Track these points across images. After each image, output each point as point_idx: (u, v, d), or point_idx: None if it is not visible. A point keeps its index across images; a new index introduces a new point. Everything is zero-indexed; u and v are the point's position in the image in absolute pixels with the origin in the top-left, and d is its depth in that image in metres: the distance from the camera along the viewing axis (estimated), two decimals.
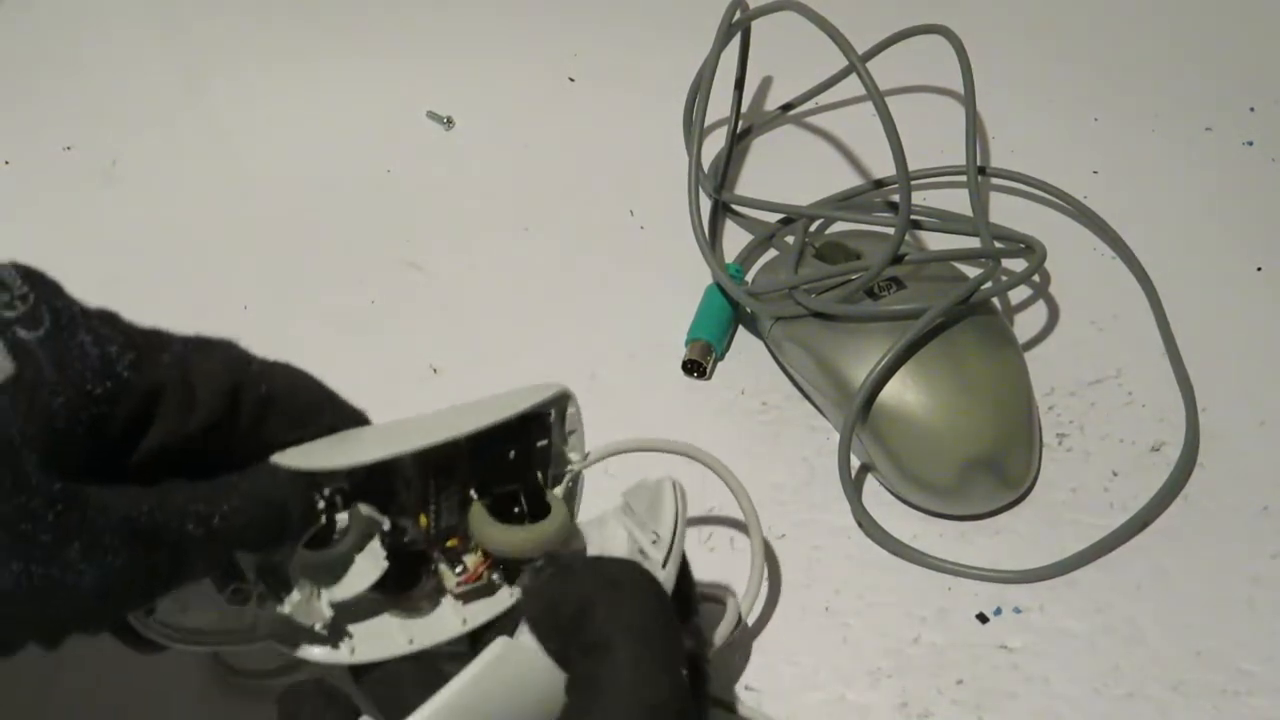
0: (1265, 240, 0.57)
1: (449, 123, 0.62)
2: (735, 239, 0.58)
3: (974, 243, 0.53)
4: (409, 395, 0.52)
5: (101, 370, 0.29)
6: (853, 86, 0.59)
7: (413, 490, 0.35)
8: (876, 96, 0.47)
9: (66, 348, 0.29)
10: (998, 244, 0.51)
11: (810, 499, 0.48)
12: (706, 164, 0.59)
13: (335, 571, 0.34)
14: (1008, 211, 0.58)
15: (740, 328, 0.54)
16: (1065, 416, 0.51)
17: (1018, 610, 0.45)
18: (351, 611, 0.34)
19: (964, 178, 0.55)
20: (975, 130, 0.55)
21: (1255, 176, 0.61)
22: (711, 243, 0.56)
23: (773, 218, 0.58)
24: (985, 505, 0.47)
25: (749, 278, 0.55)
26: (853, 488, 0.47)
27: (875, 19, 0.59)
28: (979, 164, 0.56)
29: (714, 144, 0.61)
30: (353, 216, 0.59)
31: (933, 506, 0.47)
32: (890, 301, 0.49)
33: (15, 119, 0.64)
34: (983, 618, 0.45)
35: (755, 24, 0.55)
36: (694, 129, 0.56)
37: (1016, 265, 0.50)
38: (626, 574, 0.31)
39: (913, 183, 0.49)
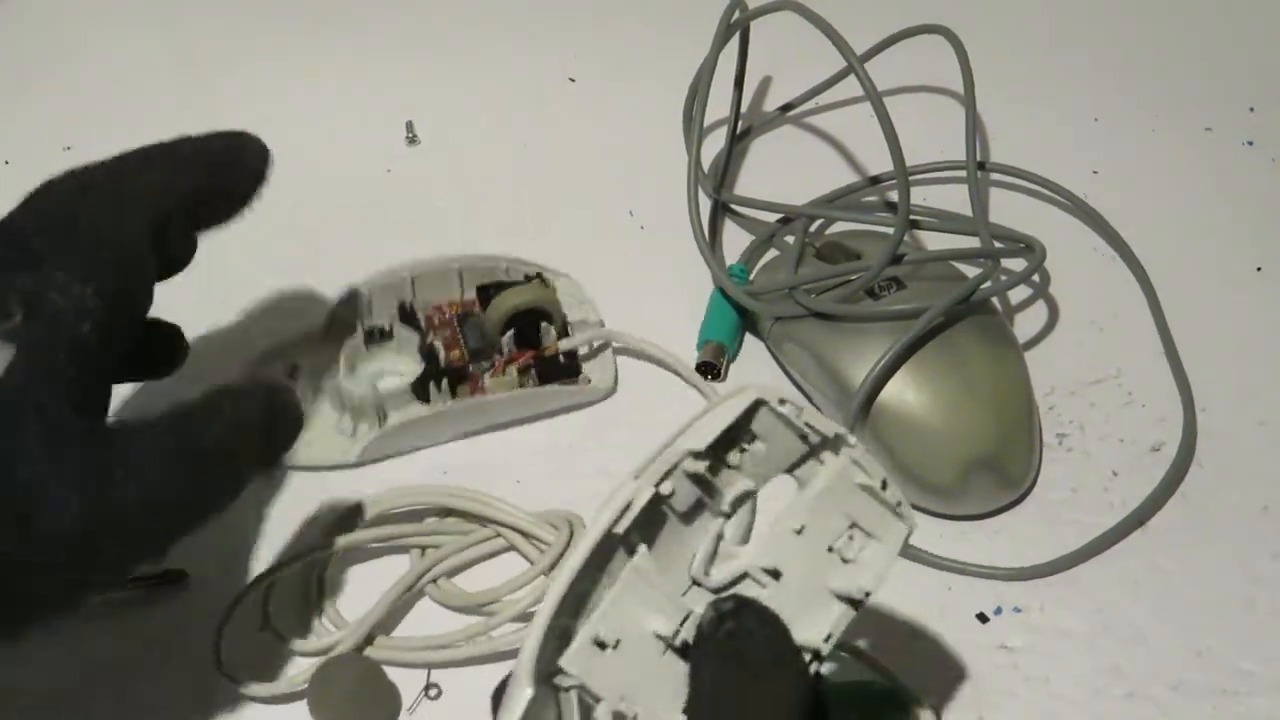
0: (1265, 240, 0.57)
1: (413, 138, 0.62)
2: (735, 239, 0.58)
3: (974, 242, 0.53)
4: None
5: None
6: (853, 86, 0.58)
7: (440, 332, 0.50)
8: (874, 97, 0.47)
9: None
10: (997, 244, 0.51)
11: None
12: (706, 164, 0.59)
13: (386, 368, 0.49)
14: (1007, 211, 0.58)
15: None
16: (1065, 416, 0.51)
17: (1018, 610, 0.45)
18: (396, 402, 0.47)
19: (963, 174, 0.55)
20: (975, 130, 0.55)
21: (1255, 176, 0.61)
22: (711, 243, 0.56)
23: (773, 218, 0.58)
24: (985, 505, 0.47)
25: (750, 277, 0.55)
26: None
27: (875, 19, 0.59)
28: (979, 163, 0.56)
29: (714, 144, 0.61)
30: (353, 216, 0.59)
31: (933, 506, 0.47)
32: (890, 301, 0.49)
33: (15, 119, 0.64)
34: (983, 617, 0.45)
35: (755, 24, 0.55)
36: (694, 129, 0.56)
37: (1016, 265, 0.50)
38: (784, 692, 0.31)
39: (912, 181, 0.49)
